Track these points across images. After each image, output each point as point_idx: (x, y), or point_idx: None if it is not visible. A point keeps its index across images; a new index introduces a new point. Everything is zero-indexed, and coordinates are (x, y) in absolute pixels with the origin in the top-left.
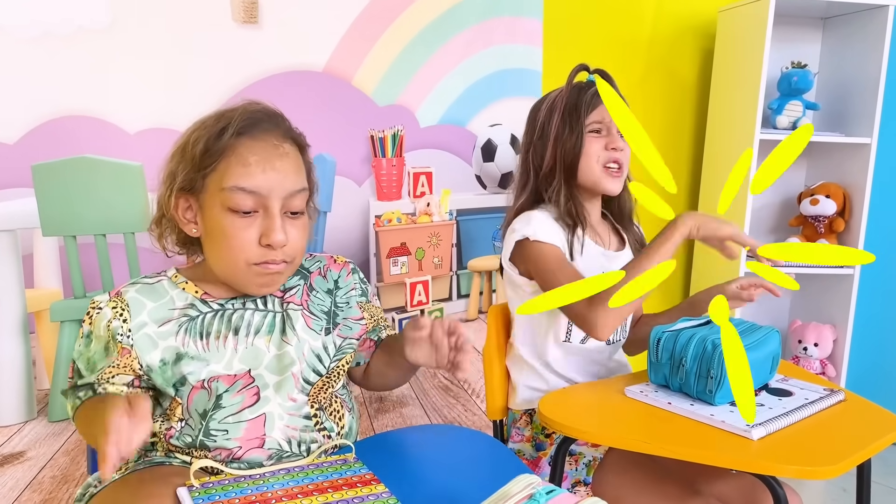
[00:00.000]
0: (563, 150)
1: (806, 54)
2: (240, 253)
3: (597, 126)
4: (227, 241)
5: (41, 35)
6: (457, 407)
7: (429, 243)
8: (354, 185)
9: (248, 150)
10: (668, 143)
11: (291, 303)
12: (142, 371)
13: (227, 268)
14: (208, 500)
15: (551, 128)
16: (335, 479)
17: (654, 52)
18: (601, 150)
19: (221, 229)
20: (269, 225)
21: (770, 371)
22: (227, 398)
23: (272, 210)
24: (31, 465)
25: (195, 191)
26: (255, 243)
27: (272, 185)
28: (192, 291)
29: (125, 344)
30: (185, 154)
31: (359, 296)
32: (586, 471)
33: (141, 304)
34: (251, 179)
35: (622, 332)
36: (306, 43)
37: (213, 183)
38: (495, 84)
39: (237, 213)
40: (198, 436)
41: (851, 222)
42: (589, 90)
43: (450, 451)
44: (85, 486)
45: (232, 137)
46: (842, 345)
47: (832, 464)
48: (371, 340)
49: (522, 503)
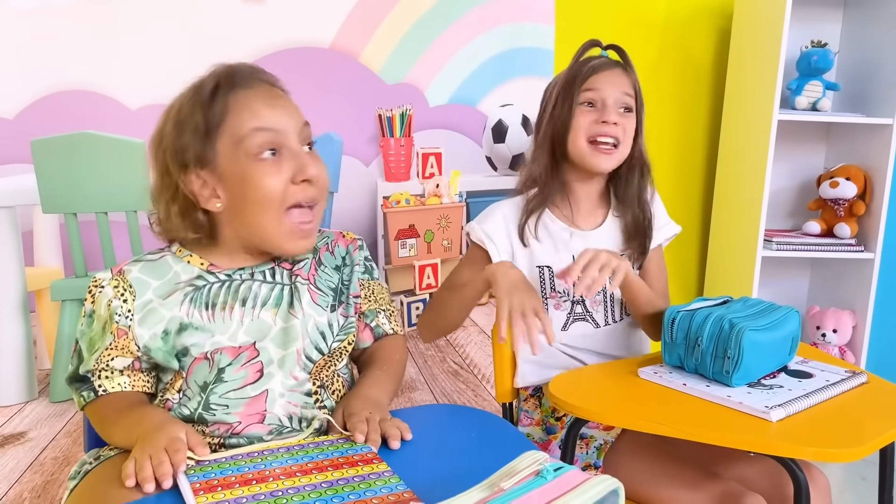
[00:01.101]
0: (554, 124)
1: (826, 33)
2: (276, 199)
3: (590, 98)
4: (261, 191)
5: (40, 7)
6: (466, 392)
7: (438, 225)
8: (362, 165)
9: (248, 97)
10: (684, 124)
11: (299, 276)
12: (139, 353)
13: (265, 224)
14: (204, 477)
15: (550, 100)
16: (336, 458)
17: (670, 31)
18: (590, 123)
19: (251, 181)
20: (299, 162)
21: (789, 352)
22: (231, 372)
23: (294, 147)
24: (33, 446)
25: (207, 162)
26: (288, 183)
27: (284, 122)
28: (197, 264)
29: (122, 325)
30: (185, 129)
31: (361, 273)
32: (597, 454)
33: (145, 285)
34: (264, 118)
35: (622, 312)
36: (312, 19)
37: (226, 144)
38: (506, 63)
39: (263, 160)
40: (196, 408)
41: (872, 205)
42: (589, 63)
43: (455, 430)
44: (80, 463)
45: (227, 94)
46: (861, 331)
47: (854, 446)
48: (369, 329)
49: (529, 479)
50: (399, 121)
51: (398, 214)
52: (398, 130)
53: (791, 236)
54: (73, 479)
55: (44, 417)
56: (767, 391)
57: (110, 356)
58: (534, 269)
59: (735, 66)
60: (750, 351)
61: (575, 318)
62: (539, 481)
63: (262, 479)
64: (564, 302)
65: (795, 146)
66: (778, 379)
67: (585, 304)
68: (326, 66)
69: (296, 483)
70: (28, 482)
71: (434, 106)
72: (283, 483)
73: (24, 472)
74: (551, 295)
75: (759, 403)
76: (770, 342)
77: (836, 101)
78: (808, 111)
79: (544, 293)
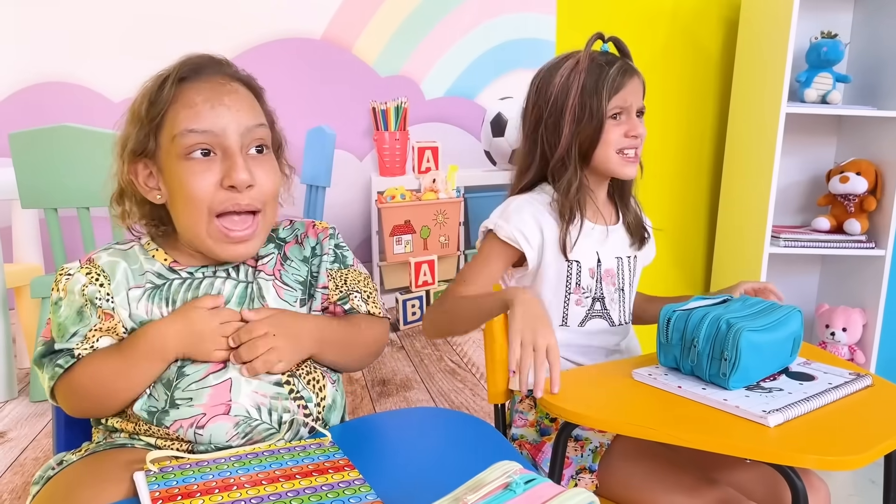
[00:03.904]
0: (580, 137)
1: (836, 24)
2: (202, 202)
3: (617, 111)
4: (188, 192)
5: None
6: (464, 392)
7: (435, 221)
8: (355, 159)
9: (192, 91)
10: (691, 117)
11: (263, 272)
12: (126, 334)
13: (193, 226)
14: (165, 485)
15: (567, 107)
16: (305, 465)
17: (677, 21)
18: (620, 136)
19: (180, 181)
20: (229, 164)
21: (791, 353)
22: (191, 366)
23: (231, 149)
24: (12, 447)
25: (149, 153)
26: (217, 187)
27: (225, 123)
28: (161, 259)
29: (106, 308)
30: (133, 117)
31: (330, 262)
32: (592, 457)
33: (116, 266)
34: (200, 120)
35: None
36: (303, 8)
37: (164, 137)
38: (506, 55)
39: (193, 159)
40: (162, 407)
41: (883, 201)
42: (610, 70)
43: (437, 435)
44: (44, 468)
45: (174, 86)
46: (872, 330)
47: (856, 453)
48: (340, 307)
49: (496, 493)
50: (394, 114)
51: (393, 210)
52: (393, 124)
53: (800, 233)
54: (36, 485)
55: (24, 417)
56: (766, 394)
57: (96, 337)
58: (563, 263)
59: (743, 57)
60: (748, 352)
61: (593, 315)
62: (508, 495)
63: (225, 488)
64: (586, 298)
65: (805, 140)
66: (778, 381)
67: (605, 302)
68: (318, 57)
69: (260, 492)
70: (8, 483)
71: (430, 99)
72: (246, 492)
73: (4, 473)
74: (575, 290)
75: (757, 408)
76: (769, 343)
77: (847, 94)
78: (818, 104)
79: (569, 288)
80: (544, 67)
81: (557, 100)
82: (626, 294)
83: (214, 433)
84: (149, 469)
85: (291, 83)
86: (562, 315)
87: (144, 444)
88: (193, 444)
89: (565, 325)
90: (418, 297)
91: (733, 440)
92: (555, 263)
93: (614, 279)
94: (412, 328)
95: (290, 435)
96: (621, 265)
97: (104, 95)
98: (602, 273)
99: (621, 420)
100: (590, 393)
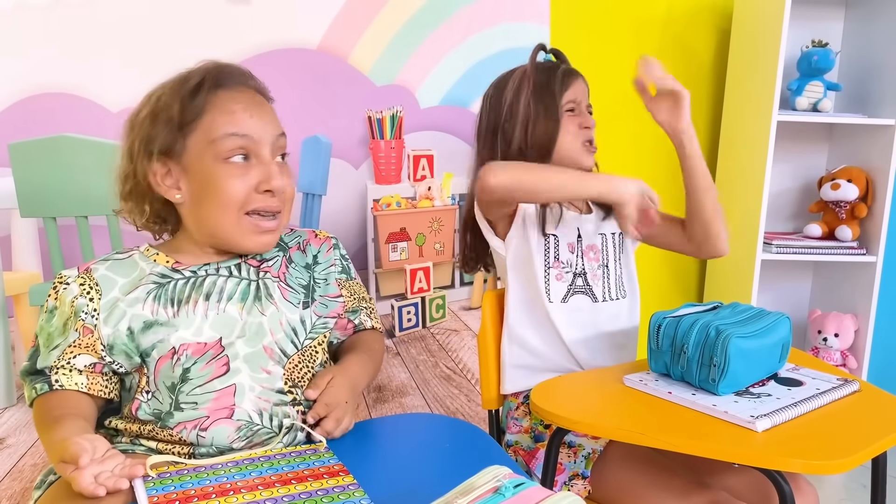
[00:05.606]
0: (535, 132)
1: (827, 32)
2: (236, 203)
3: (571, 105)
4: (224, 193)
5: (15, 7)
6: (459, 398)
7: (430, 228)
8: (351, 167)
9: (229, 100)
10: None
11: (268, 273)
12: (104, 352)
13: (220, 222)
14: (162, 490)
15: (519, 108)
16: (300, 470)
17: (669, 30)
18: (577, 128)
19: (216, 182)
20: (267, 171)
21: (779, 359)
22: (196, 370)
23: (266, 156)
24: (11, 453)
25: (174, 154)
26: (253, 191)
27: (261, 131)
28: (163, 262)
29: (88, 324)
30: (159, 118)
31: (338, 272)
32: (585, 463)
33: (111, 282)
34: (241, 125)
35: (618, 291)
36: (299, 19)
37: (197, 141)
38: (500, 64)
39: (232, 163)
40: (167, 410)
41: (874, 208)
42: (558, 69)
43: (430, 441)
44: (45, 472)
45: (209, 92)
46: (864, 335)
47: (842, 457)
48: (351, 322)
49: (486, 497)
50: (389, 122)
51: (389, 217)
52: (388, 132)
53: (791, 239)
54: (38, 489)
55: (22, 423)
56: (755, 400)
57: (73, 354)
58: (540, 237)
59: (735, 66)
60: (736, 358)
61: (575, 291)
62: (497, 498)
63: (222, 493)
64: (567, 273)
65: (796, 147)
66: (767, 387)
67: (586, 277)
68: (314, 67)
69: (256, 497)
70: (7, 489)
71: (426, 107)
72: (242, 497)
73: (3, 479)
74: (554, 264)
75: (745, 413)
76: (758, 349)
77: (838, 102)
78: (809, 112)
79: (548, 262)
80: (493, 84)
81: (512, 105)
82: (610, 270)
83: (217, 436)
84: (147, 475)
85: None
86: (544, 289)
87: (145, 449)
88: (195, 445)
89: (549, 300)
90: (413, 303)
91: (722, 445)
92: (535, 236)
93: (598, 255)
94: (408, 335)
95: (287, 439)
96: (605, 241)
97: (103, 106)
98: (584, 248)
99: (612, 425)
100: (581, 399)
